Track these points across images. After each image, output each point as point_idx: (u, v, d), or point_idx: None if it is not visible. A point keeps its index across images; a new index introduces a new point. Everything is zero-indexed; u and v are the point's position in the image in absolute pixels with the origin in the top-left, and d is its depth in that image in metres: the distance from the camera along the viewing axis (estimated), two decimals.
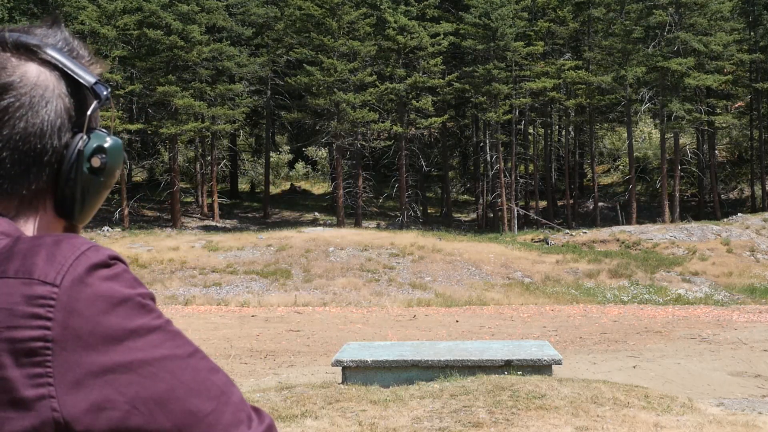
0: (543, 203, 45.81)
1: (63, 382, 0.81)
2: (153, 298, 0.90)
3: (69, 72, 0.96)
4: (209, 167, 43.41)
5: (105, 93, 0.98)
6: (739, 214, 34.93)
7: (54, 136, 0.94)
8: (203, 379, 0.86)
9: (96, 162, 0.97)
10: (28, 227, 0.96)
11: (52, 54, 0.96)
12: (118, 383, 0.82)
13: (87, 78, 0.96)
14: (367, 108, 39.59)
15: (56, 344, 0.82)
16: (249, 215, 45.45)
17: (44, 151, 0.93)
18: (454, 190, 49.90)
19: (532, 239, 32.47)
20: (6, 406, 0.81)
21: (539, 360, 8.46)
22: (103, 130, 1.00)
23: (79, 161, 0.95)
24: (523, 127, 45.77)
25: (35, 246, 0.86)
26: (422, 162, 43.01)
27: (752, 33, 42.35)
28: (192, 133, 40.17)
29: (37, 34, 0.97)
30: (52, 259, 0.84)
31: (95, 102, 0.97)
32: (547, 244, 31.13)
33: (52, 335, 0.81)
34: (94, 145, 0.97)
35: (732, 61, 40.47)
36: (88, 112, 0.96)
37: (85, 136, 0.97)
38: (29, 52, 0.95)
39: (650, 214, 42.03)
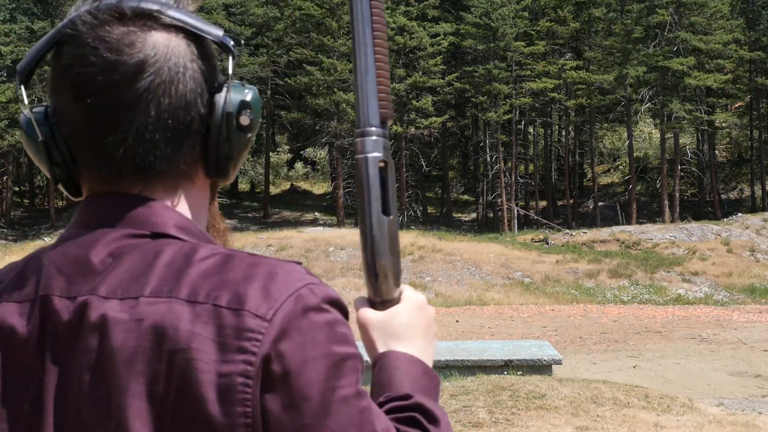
0: (543, 203, 45.79)
1: (258, 422, 0.79)
2: (362, 360, 0.86)
3: (194, 31, 0.88)
4: None
5: (232, 44, 0.90)
6: (739, 214, 34.90)
7: (198, 103, 0.89)
8: (367, 422, 0.84)
9: (245, 120, 0.91)
10: (179, 203, 0.90)
11: (175, 15, 0.87)
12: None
13: (214, 33, 0.89)
14: None
15: (254, 381, 0.78)
16: (249, 215, 45.44)
17: (193, 120, 0.88)
18: (454, 190, 49.88)
19: (532, 239, 32.46)
20: None
21: (539, 360, 8.46)
22: (237, 81, 0.92)
23: (230, 122, 0.89)
24: (523, 127, 45.77)
25: (249, 276, 0.81)
26: (422, 162, 43.01)
27: (751, 32, 42.39)
28: None
29: None
30: (266, 293, 0.80)
31: (230, 58, 0.89)
32: (547, 244, 31.12)
33: (254, 371, 0.78)
34: (239, 101, 0.90)
35: (732, 60, 40.49)
36: (230, 71, 0.89)
37: (227, 95, 0.90)
38: (151, 19, 0.86)
39: (650, 214, 42.01)
